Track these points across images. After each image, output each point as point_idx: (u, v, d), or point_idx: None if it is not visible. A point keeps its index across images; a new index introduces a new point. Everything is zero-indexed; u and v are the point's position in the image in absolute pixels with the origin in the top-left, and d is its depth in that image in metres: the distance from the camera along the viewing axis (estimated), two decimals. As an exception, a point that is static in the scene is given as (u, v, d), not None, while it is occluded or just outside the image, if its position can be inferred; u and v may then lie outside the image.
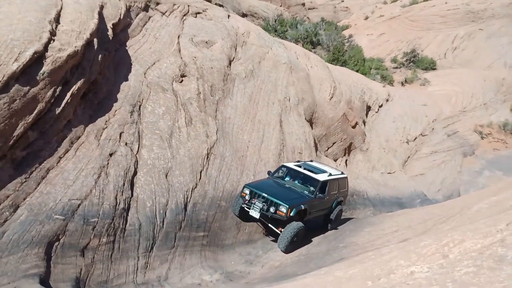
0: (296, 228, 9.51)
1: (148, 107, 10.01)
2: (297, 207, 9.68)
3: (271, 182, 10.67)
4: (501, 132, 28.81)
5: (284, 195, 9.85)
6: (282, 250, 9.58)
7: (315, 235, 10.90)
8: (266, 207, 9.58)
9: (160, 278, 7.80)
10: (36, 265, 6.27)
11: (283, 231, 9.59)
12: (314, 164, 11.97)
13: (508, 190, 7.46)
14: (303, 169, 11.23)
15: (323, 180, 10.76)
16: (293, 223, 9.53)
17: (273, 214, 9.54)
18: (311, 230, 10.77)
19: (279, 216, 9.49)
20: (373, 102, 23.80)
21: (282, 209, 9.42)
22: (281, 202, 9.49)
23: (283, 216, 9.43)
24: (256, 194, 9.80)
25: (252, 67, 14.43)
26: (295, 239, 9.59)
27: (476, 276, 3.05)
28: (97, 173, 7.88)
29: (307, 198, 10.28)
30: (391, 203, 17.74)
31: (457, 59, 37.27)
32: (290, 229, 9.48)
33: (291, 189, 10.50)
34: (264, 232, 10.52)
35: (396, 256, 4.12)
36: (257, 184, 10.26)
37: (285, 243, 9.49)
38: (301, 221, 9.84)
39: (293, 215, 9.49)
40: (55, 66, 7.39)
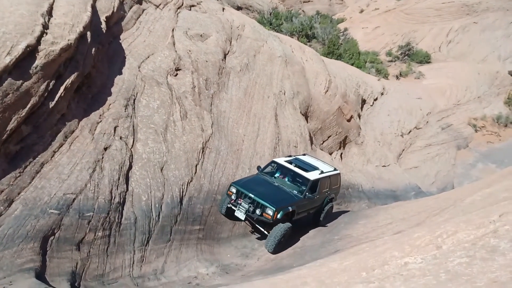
0: (284, 229, 9.24)
1: (143, 101, 9.96)
2: (285, 209, 9.31)
3: (260, 179, 10.23)
4: (495, 125, 29.05)
5: (271, 196, 9.43)
6: (270, 251, 9.32)
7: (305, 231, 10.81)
8: (252, 208, 9.23)
9: (156, 271, 7.83)
10: (31, 260, 6.26)
11: (270, 232, 9.33)
12: (306, 160, 11.49)
13: (501, 182, 7.54)
14: (293, 166, 10.77)
15: (313, 179, 10.32)
16: (280, 224, 9.23)
17: (259, 216, 9.19)
18: (302, 226, 10.66)
19: (265, 218, 9.16)
20: (368, 95, 23.85)
21: (269, 211, 9.05)
22: (268, 204, 9.11)
23: (269, 219, 9.10)
24: (242, 194, 9.45)
25: (247, 61, 14.37)
26: (282, 239, 9.31)
27: (469, 266, 3.09)
28: (92, 168, 7.85)
29: (296, 199, 9.84)
30: (385, 196, 17.87)
31: (452, 52, 37.38)
32: (278, 231, 9.20)
33: (279, 188, 10.06)
34: (250, 230, 10.24)
35: (390, 248, 4.17)
36: (245, 183, 9.84)
37: (272, 244, 9.21)
38: (289, 221, 9.54)
39: (280, 218, 9.15)
40: (48, 59, 7.31)
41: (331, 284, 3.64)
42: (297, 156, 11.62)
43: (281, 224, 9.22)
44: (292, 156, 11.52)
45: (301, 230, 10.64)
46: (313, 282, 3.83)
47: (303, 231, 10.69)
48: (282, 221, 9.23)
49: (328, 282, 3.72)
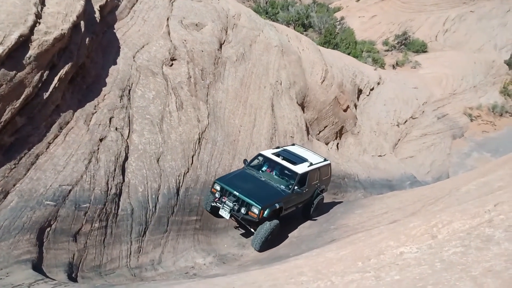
0: (271, 228, 8.82)
1: (138, 92, 9.88)
2: (271, 206, 8.89)
3: (245, 175, 9.76)
4: (490, 114, 29.20)
5: (257, 193, 9.00)
6: (256, 249, 8.91)
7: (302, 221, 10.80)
8: (237, 207, 8.83)
9: (153, 261, 7.86)
10: (28, 251, 6.25)
11: (257, 231, 8.89)
12: (294, 151, 10.99)
13: (496, 172, 7.58)
14: (281, 158, 10.28)
15: (302, 173, 9.87)
16: (267, 222, 8.81)
17: (244, 215, 8.79)
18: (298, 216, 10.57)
19: (251, 217, 8.74)
20: (364, 85, 23.82)
21: (254, 210, 8.64)
22: (253, 202, 8.69)
23: (255, 218, 8.68)
24: (227, 192, 9.01)
25: (243, 50, 14.27)
26: (269, 237, 8.90)
27: (464, 255, 3.12)
28: (88, 159, 7.81)
29: (283, 195, 9.39)
30: (381, 186, 17.98)
31: (448, 41, 37.32)
32: (264, 229, 8.77)
33: (266, 183, 9.61)
34: (235, 225, 9.81)
35: (386, 237, 4.20)
36: (229, 179, 9.38)
37: (259, 243, 8.79)
38: (276, 217, 9.15)
39: (266, 216, 8.74)
40: (41, 49, 7.21)
41: (327, 273, 3.66)
42: (286, 147, 11.20)
43: (268, 222, 8.81)
44: (280, 148, 11.10)
45: (298, 219, 10.70)
46: (310, 271, 3.85)
47: (300, 220, 10.74)
48: (269, 219, 8.84)
49: (325, 271, 3.74)
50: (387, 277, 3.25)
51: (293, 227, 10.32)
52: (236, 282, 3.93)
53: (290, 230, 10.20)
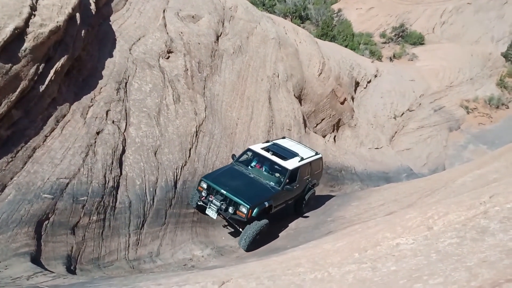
0: (259, 227, 8.44)
1: (135, 84, 9.84)
2: (260, 205, 8.52)
3: (234, 171, 9.40)
4: (486, 107, 29.30)
5: (245, 191, 8.62)
6: (244, 249, 8.54)
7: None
8: (225, 206, 8.43)
9: (152, 254, 7.90)
10: (26, 244, 6.27)
11: (244, 230, 8.51)
12: (285, 145, 10.59)
13: (492, 164, 7.65)
14: (271, 153, 9.91)
15: (292, 168, 9.52)
16: (256, 222, 8.45)
17: (232, 215, 8.44)
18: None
19: (239, 217, 8.40)
20: (361, 77, 23.80)
21: (243, 209, 8.27)
22: (241, 201, 8.31)
23: (243, 217, 8.33)
24: (214, 190, 8.63)
25: (240, 43, 14.21)
26: (257, 237, 8.52)
27: (459, 246, 3.16)
28: (85, 152, 7.80)
29: (273, 192, 9.03)
30: (378, 178, 18.07)
31: (445, 33, 37.27)
32: (252, 229, 8.39)
33: (255, 180, 9.22)
34: (224, 224, 9.53)
35: (382, 229, 4.24)
36: (216, 177, 8.98)
37: (246, 242, 8.40)
38: (266, 216, 8.78)
39: (255, 216, 8.39)
40: (37, 42, 7.15)
41: (324, 264, 3.70)
42: (275, 141, 10.84)
43: (257, 222, 8.45)
44: (270, 142, 10.76)
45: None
46: (307, 263, 3.89)
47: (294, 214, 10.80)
48: (258, 218, 8.49)
49: (322, 263, 3.78)
50: (383, 268, 3.29)
51: (291, 219, 10.38)
52: (234, 274, 3.97)
53: (287, 222, 10.26)
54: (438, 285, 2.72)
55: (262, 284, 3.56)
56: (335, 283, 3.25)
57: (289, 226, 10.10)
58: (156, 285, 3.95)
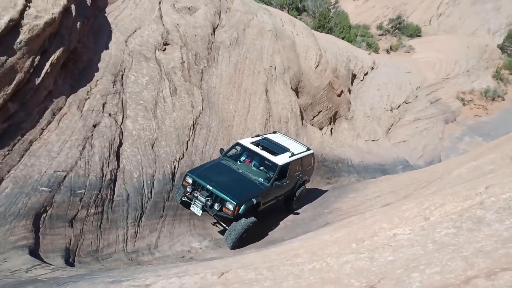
0: (246, 225, 8.08)
1: (131, 77, 9.79)
2: (248, 202, 8.14)
3: (221, 166, 9.04)
4: (482, 99, 29.40)
5: (232, 187, 8.27)
6: (229, 247, 8.20)
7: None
8: (210, 202, 8.04)
9: (150, 246, 7.93)
10: (24, 237, 6.28)
11: (230, 228, 8.13)
12: (275, 139, 10.26)
13: (487, 155, 7.69)
14: (260, 148, 9.58)
15: (282, 164, 9.19)
16: (243, 219, 8.10)
17: (218, 212, 8.04)
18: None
19: (225, 214, 8.01)
20: (358, 70, 23.78)
21: (229, 206, 7.89)
22: (228, 197, 7.93)
23: (229, 215, 7.95)
24: (199, 186, 8.25)
25: (237, 35, 14.13)
26: (244, 235, 8.18)
27: (456, 237, 3.20)
28: (82, 145, 7.78)
29: (261, 188, 8.67)
30: (374, 170, 18.15)
31: (442, 25, 37.23)
32: (239, 227, 8.03)
33: (243, 176, 8.87)
34: (212, 222, 9.24)
35: (379, 220, 4.28)
36: (202, 172, 8.60)
37: (232, 240, 8.04)
38: (254, 213, 8.43)
39: (242, 213, 8.03)
40: (32, 34, 7.09)
41: (322, 255, 3.74)
42: (266, 135, 10.51)
43: (244, 219, 8.09)
44: (260, 136, 10.42)
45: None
46: (305, 253, 3.93)
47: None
48: (245, 215, 8.12)
49: (320, 253, 3.82)
50: (380, 258, 3.33)
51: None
52: (233, 265, 4.00)
53: (284, 215, 10.32)
54: (434, 274, 2.76)
55: (261, 274, 3.60)
56: (333, 272, 3.28)
57: (287, 218, 10.15)
58: (156, 276, 3.98)
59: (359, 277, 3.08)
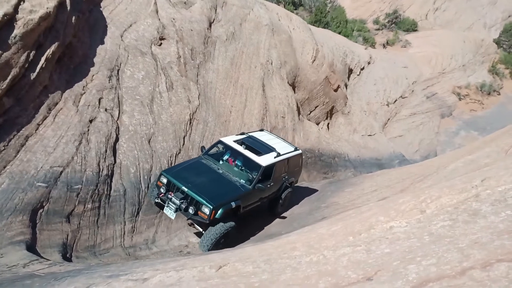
0: (223, 230, 7.41)
1: (127, 72, 9.75)
2: (226, 206, 7.48)
3: (200, 166, 8.40)
4: (478, 93, 29.52)
5: (210, 189, 7.65)
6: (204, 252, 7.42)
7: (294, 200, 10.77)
8: (185, 205, 7.42)
9: (147, 241, 7.94)
10: (21, 232, 6.27)
11: (206, 232, 7.48)
12: (261, 138, 9.62)
13: (483, 149, 7.74)
14: (244, 147, 8.90)
15: (266, 165, 8.55)
16: (220, 224, 7.43)
17: (193, 216, 7.44)
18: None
19: (200, 218, 7.37)
20: (355, 64, 23.79)
21: (205, 210, 7.25)
22: (204, 200, 7.30)
23: (205, 219, 7.31)
24: (174, 186, 7.65)
25: (233, 29, 14.08)
26: (222, 240, 7.46)
27: (452, 229, 3.23)
28: (78, 140, 7.75)
29: (242, 191, 8.01)
30: (371, 164, 18.23)
31: (438, 20, 37.27)
32: (215, 231, 7.36)
33: (222, 177, 8.21)
34: (189, 223, 8.54)
35: (376, 213, 4.30)
36: (179, 171, 7.99)
37: (206, 247, 7.36)
38: (233, 217, 7.79)
39: (219, 217, 7.37)
40: (27, 29, 7.04)
41: (319, 248, 3.76)
42: (251, 134, 9.86)
43: (221, 224, 7.44)
44: (245, 134, 9.76)
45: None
46: (302, 247, 3.95)
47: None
48: (223, 220, 7.47)
49: (317, 246, 3.84)
50: (377, 250, 3.35)
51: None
52: (231, 258, 4.02)
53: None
54: (431, 266, 2.79)
55: (258, 267, 3.61)
56: (330, 265, 3.31)
57: (284, 213, 10.17)
58: (154, 270, 3.99)
59: (356, 269, 3.10)
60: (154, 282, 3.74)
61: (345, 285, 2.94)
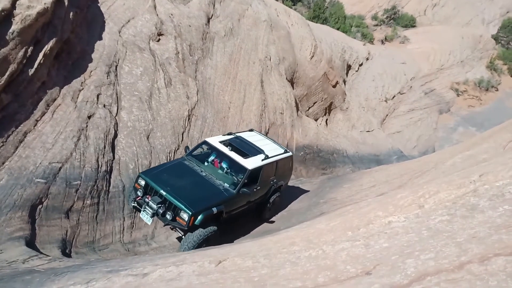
0: (203, 236, 6.94)
1: (125, 68, 9.72)
2: (206, 211, 6.99)
3: (182, 168, 7.93)
4: (476, 89, 29.55)
5: (190, 194, 7.16)
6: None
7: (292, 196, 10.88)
8: (162, 210, 6.95)
9: (146, 237, 7.96)
10: (20, 228, 6.27)
11: (185, 237, 7.01)
12: (249, 139, 9.13)
13: (481, 145, 7.77)
14: (230, 149, 8.42)
15: (253, 168, 8.05)
16: (199, 229, 6.94)
17: (170, 221, 6.94)
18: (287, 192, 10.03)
19: (179, 224, 6.89)
20: (353, 60, 23.78)
21: (183, 215, 6.77)
22: (182, 206, 6.81)
23: (183, 225, 6.83)
24: (152, 190, 7.16)
25: (232, 25, 14.04)
26: (204, 245, 6.94)
27: (450, 223, 3.25)
28: (77, 136, 7.75)
29: (225, 196, 7.51)
30: (369, 160, 18.27)
31: (437, 16, 37.23)
32: (195, 237, 6.90)
33: (205, 180, 7.70)
34: (171, 226, 7.57)
35: (374, 208, 4.32)
36: (158, 173, 7.52)
37: (186, 250, 6.81)
38: (215, 223, 7.27)
39: (199, 224, 6.88)
40: (24, 24, 7.00)
41: (318, 243, 3.78)
42: (239, 134, 9.38)
43: (200, 229, 6.94)
44: (232, 134, 9.26)
45: (287, 195, 10.87)
46: (301, 242, 3.97)
47: (290, 196, 10.92)
48: (203, 226, 6.97)
49: (316, 241, 3.87)
50: (376, 245, 3.37)
51: (283, 202, 10.45)
52: (230, 253, 4.04)
53: (280, 205, 10.35)
54: (429, 260, 2.81)
55: (258, 262, 3.64)
56: (329, 259, 3.33)
57: (282, 208, 10.20)
58: (153, 266, 4.01)
59: (354, 263, 3.12)
60: (154, 277, 3.76)
61: (344, 279, 2.96)
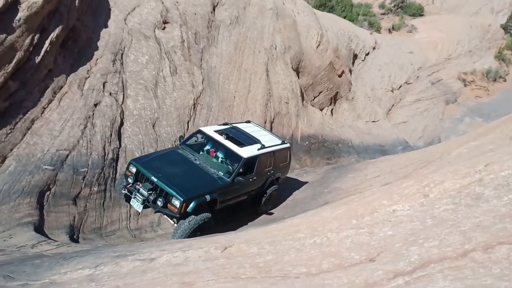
0: (196, 223, 6.78)
1: (131, 56, 9.73)
2: (199, 198, 6.84)
3: (175, 156, 7.75)
4: (484, 80, 29.19)
5: (182, 181, 6.99)
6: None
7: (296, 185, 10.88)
8: (153, 197, 6.77)
9: (153, 224, 8.07)
10: (29, 214, 6.39)
11: (178, 224, 6.88)
12: (246, 129, 8.96)
13: (487, 136, 7.73)
14: (224, 137, 8.26)
15: (248, 157, 7.88)
16: (192, 216, 6.78)
17: (161, 208, 6.82)
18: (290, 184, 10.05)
19: (170, 211, 6.75)
20: (360, 50, 23.55)
21: (175, 202, 6.61)
22: (174, 192, 6.65)
23: (175, 212, 6.69)
24: (143, 177, 6.98)
25: (237, 13, 13.94)
26: (198, 233, 6.79)
27: (454, 212, 3.27)
28: (83, 124, 7.81)
29: (219, 184, 7.34)
30: (374, 150, 18.23)
31: (445, 4, 36.66)
32: (188, 224, 6.72)
33: (198, 169, 7.54)
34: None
35: (379, 197, 4.34)
36: (150, 160, 7.34)
37: (179, 238, 6.68)
38: (209, 210, 7.15)
39: (191, 211, 6.73)
40: (31, 12, 7.02)
41: (323, 230, 3.82)
42: (236, 124, 9.19)
43: (193, 216, 6.79)
44: (228, 124, 9.09)
45: (291, 185, 10.92)
46: (306, 229, 4.02)
47: (294, 185, 10.96)
48: (195, 214, 6.82)
49: (321, 229, 3.90)
50: (380, 232, 3.41)
51: (287, 191, 10.52)
52: (236, 240, 4.10)
53: (285, 194, 10.41)
54: (433, 248, 2.84)
55: (263, 249, 3.69)
56: (333, 247, 3.37)
57: (287, 198, 10.26)
58: (161, 251, 4.08)
59: (359, 250, 3.16)
60: (161, 262, 3.82)
61: (348, 265, 3.00)
